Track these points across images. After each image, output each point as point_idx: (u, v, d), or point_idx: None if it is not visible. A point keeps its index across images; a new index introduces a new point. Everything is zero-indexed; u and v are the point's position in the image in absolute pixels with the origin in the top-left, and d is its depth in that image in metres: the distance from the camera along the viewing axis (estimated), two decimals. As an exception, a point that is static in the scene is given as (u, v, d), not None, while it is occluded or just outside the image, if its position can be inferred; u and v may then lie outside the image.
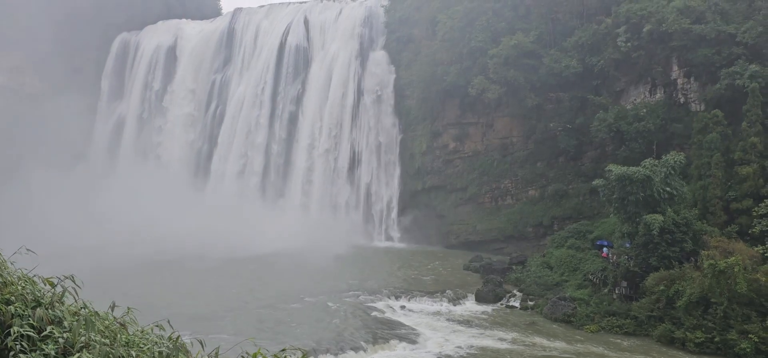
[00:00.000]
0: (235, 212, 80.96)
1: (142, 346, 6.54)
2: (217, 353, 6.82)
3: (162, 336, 6.93)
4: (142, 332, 6.97)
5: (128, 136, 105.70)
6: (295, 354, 7.17)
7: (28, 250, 7.41)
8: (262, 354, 6.88)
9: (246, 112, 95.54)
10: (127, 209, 79.20)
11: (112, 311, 7.12)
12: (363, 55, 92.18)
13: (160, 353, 6.53)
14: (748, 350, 37.47)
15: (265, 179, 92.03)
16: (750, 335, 37.78)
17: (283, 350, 6.96)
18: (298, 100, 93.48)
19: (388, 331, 42.21)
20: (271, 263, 62.84)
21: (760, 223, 46.22)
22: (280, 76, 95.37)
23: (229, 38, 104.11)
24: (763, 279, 39.22)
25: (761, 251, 43.41)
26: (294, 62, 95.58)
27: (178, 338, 6.88)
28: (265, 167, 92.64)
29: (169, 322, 7.40)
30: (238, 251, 64.90)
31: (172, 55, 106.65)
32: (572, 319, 45.87)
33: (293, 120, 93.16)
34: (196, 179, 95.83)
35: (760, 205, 47.15)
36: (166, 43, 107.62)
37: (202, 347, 7.41)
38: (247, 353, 6.89)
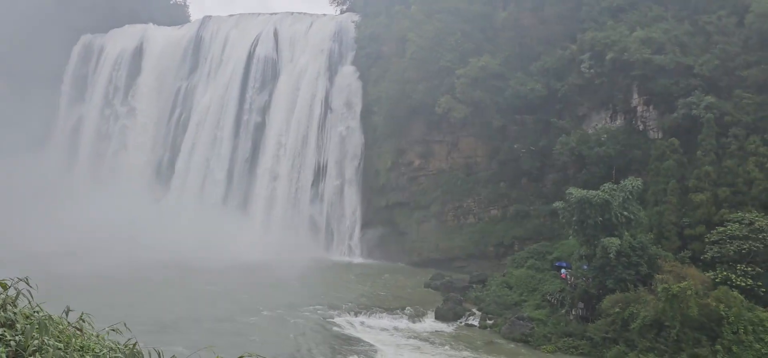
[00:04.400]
0: (196, 221, 79.69)
1: (97, 351, 6.44)
2: (173, 361, 6.75)
3: (118, 342, 6.83)
4: (98, 336, 6.86)
5: (88, 140, 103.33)
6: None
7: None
8: (219, 362, 6.84)
9: (211, 121, 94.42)
10: (85, 214, 77.21)
11: (67, 315, 7.00)
12: (332, 70, 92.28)
13: (117, 358, 6.45)
14: (698, 373, 38.46)
15: (227, 189, 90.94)
16: (700, 359, 38.81)
17: (241, 356, 6.93)
18: (265, 111, 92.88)
19: (346, 347, 42.03)
20: (230, 275, 61.98)
21: (711, 249, 47.67)
22: (247, 86, 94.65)
23: (196, 46, 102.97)
24: (714, 304, 40.38)
25: (712, 277, 44.79)
26: (262, 73, 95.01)
27: (134, 344, 6.79)
28: (229, 178, 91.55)
29: (125, 325, 7.29)
30: (198, 261, 63.86)
31: (136, 59, 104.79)
32: (530, 339, 46.40)
33: (259, 131, 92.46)
34: (156, 187, 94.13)
35: (712, 232, 48.64)
36: (131, 47, 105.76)
37: (160, 356, 7.31)
38: (203, 361, 6.84)
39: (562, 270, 54.53)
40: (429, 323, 50.62)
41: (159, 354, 7.07)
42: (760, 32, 57.08)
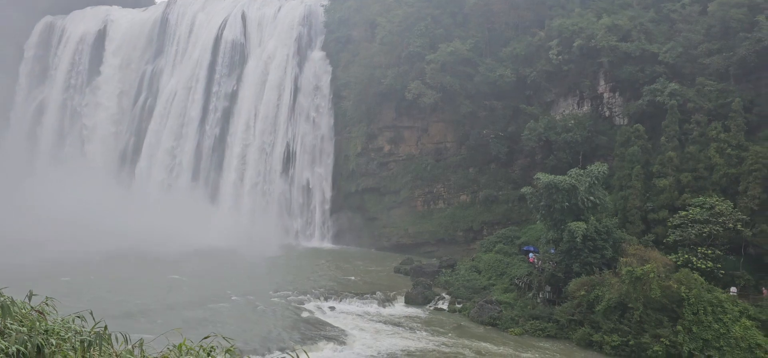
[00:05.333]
0: (163, 208, 78.55)
1: (62, 334, 6.30)
2: (141, 344, 6.65)
3: (84, 326, 6.70)
4: (63, 321, 6.71)
5: (50, 124, 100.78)
6: (223, 352, 7.07)
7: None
8: (186, 345, 6.76)
9: (177, 106, 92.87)
10: (47, 201, 75.41)
11: (30, 300, 6.82)
12: (301, 54, 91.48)
13: (83, 341, 6.30)
14: (659, 353, 39.53)
15: (195, 175, 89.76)
16: (662, 339, 39.89)
17: (207, 337, 6.87)
18: (233, 96, 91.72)
19: (316, 332, 42.05)
20: (199, 262, 61.39)
21: (674, 233, 48.90)
22: (214, 70, 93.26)
23: (161, 29, 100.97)
24: (675, 286, 41.48)
25: (674, 260, 45.97)
26: (230, 57, 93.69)
27: (105, 328, 6.66)
28: (196, 163, 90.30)
29: (91, 313, 7.15)
30: (166, 248, 63.00)
31: (100, 42, 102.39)
32: (498, 322, 47.06)
33: (227, 116, 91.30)
34: (121, 173, 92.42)
35: (674, 216, 49.86)
36: (94, 30, 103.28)
37: (126, 340, 7.19)
38: (172, 344, 6.75)
39: (530, 254, 55.36)
40: (399, 308, 50.95)
41: (126, 338, 6.96)
42: (722, 21, 58.36)
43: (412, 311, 50.46)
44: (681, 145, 54.57)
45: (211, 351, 6.68)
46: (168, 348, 6.71)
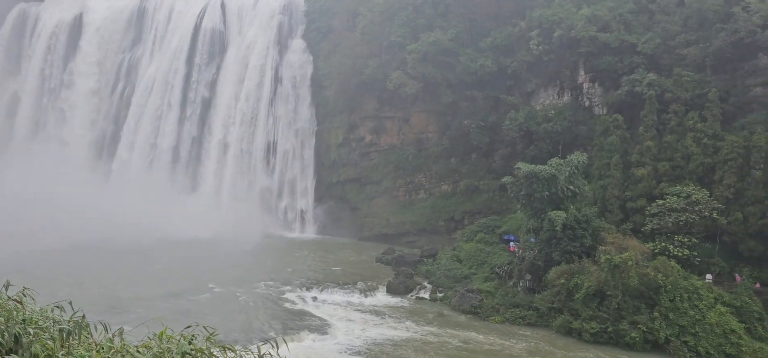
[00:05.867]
0: (142, 197, 77.60)
1: (40, 324, 6.22)
2: (121, 333, 6.60)
3: (62, 316, 6.61)
4: (41, 310, 6.62)
5: (24, 115, 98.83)
6: (205, 340, 7.03)
7: None
8: (167, 335, 6.71)
9: (156, 95, 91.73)
10: (24, 192, 74.07)
11: (6, 289, 6.72)
12: (281, 43, 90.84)
13: (61, 330, 6.23)
14: (636, 339, 40.20)
15: (175, 164, 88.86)
16: (639, 326, 40.56)
17: (189, 326, 6.83)
18: (213, 85, 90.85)
19: (298, 322, 42.05)
20: (179, 252, 60.91)
21: (651, 221, 49.62)
22: (193, 59, 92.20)
23: (139, 16, 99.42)
24: (653, 273, 42.16)
25: (652, 248, 46.70)
26: (209, 46, 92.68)
27: (83, 317, 6.59)
28: (176, 153, 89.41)
29: (70, 303, 7.06)
30: (146, 238, 62.40)
31: (76, 30, 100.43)
32: (479, 310, 47.42)
33: (206, 106, 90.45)
34: (100, 163, 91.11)
35: (652, 204, 50.59)
36: (70, 17, 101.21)
37: (106, 329, 7.12)
38: (153, 333, 6.70)
39: (511, 243, 55.82)
40: (380, 297, 51.10)
41: (105, 327, 6.89)
42: (699, 12, 59.08)
43: (394, 300, 50.64)
44: (659, 135, 55.28)
45: (192, 339, 6.64)
46: (148, 337, 6.66)
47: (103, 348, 6.24)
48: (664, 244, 47.45)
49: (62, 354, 5.94)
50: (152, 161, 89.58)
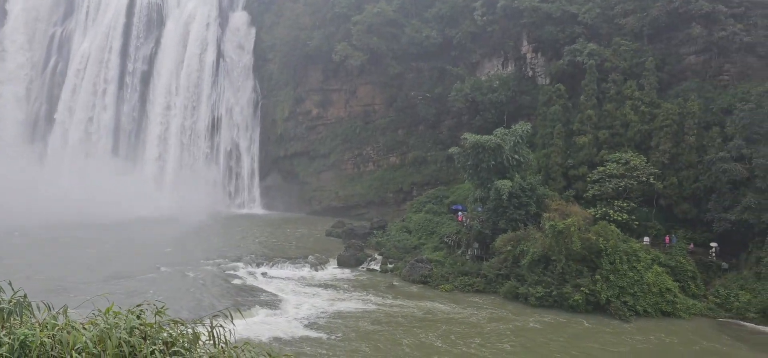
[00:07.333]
0: (81, 177, 74.93)
1: (-23, 306, 5.91)
2: (65, 311, 6.34)
3: (2, 297, 6.30)
4: (-23, 292, 6.29)
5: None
6: (154, 314, 6.85)
7: None
8: (114, 311, 6.49)
9: (92, 71, 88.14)
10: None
11: (-63, 271, 6.35)
12: (222, 15, 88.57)
13: (2, 310, 5.94)
14: (579, 301, 41.64)
15: (115, 142, 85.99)
16: (582, 289, 41.99)
17: (139, 305, 6.63)
18: (151, 59, 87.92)
19: (249, 298, 41.62)
20: (124, 232, 59.22)
21: (592, 188, 51.21)
22: (130, 33, 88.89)
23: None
24: (594, 238, 43.59)
25: (593, 213, 48.22)
26: (146, 19, 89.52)
27: (25, 296, 6.29)
28: (115, 130, 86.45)
29: (9, 284, 6.73)
30: (88, 219, 60.44)
31: (0, 3, 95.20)
32: (429, 279, 48.08)
33: (146, 81, 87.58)
34: (33, 143, 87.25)
35: (593, 172, 52.17)
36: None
37: (49, 309, 6.83)
38: (98, 309, 6.47)
39: (459, 213, 56.62)
40: (331, 271, 51.16)
41: (48, 306, 6.62)
42: (636, -18, 60.62)
43: (345, 273, 50.77)
44: (599, 104, 56.82)
45: (141, 314, 6.45)
46: (94, 314, 6.43)
47: (47, 326, 5.98)
48: (604, 209, 49.09)
49: (3, 334, 5.67)
50: (91, 140, 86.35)
